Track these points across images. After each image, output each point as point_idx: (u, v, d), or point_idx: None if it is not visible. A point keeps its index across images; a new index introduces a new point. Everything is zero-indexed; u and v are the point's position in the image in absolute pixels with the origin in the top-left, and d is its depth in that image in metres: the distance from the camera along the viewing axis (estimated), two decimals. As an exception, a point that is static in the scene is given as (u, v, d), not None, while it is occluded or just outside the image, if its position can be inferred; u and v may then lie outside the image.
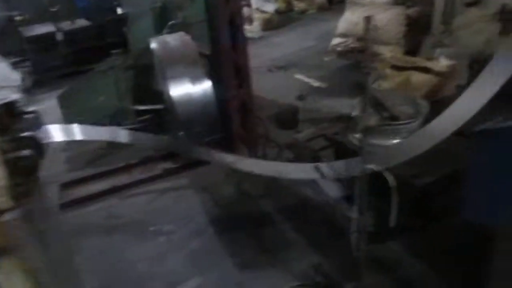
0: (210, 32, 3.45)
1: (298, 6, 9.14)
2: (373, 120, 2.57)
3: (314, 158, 3.61)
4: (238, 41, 3.45)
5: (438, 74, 3.26)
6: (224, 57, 3.39)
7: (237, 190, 3.74)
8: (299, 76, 5.77)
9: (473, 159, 1.61)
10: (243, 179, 3.70)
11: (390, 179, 1.79)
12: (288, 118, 4.58)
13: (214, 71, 3.65)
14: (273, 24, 8.21)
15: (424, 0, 5.22)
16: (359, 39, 5.59)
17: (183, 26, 4.24)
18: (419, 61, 3.42)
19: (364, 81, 3.32)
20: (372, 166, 1.91)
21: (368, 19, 5.38)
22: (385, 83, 3.20)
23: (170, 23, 4.42)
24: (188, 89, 3.46)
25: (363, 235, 1.98)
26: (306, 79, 5.68)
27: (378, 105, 2.95)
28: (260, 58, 6.72)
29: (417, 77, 3.23)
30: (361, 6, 5.73)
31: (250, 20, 8.34)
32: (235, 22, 3.37)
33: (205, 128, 3.54)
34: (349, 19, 5.70)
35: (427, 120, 2.76)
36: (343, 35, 5.82)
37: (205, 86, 3.48)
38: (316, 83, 5.52)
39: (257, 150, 3.90)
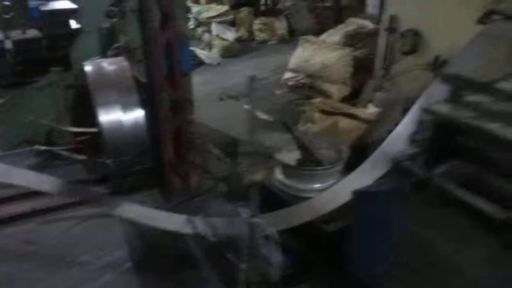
0: (145, 60, 3.42)
1: (260, 36, 9.29)
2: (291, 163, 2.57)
3: (246, 194, 3.59)
4: (175, 70, 3.42)
5: (365, 121, 3.34)
6: (157, 87, 3.35)
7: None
8: (247, 107, 5.80)
9: (353, 217, 1.63)
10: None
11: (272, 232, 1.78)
12: (228, 150, 4.57)
13: (149, 99, 3.59)
14: (233, 52, 8.29)
15: (370, 44, 5.43)
16: (309, 75, 5.72)
17: (127, 50, 4.20)
18: (347, 107, 3.50)
19: (290, 123, 3.36)
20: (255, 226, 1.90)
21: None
22: (314, 127, 3.24)
23: (114, 46, 4.37)
24: (118, 117, 3.39)
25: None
26: (254, 111, 5.71)
27: (302, 148, 2.98)
28: (213, 85, 6.74)
29: (345, 123, 3.31)
30: (312, 44, 5.89)
31: (210, 47, 8.42)
32: (172, 51, 3.35)
33: (135, 157, 3.46)
34: (300, 56, 5.83)
35: (348, 165, 2.82)
36: (294, 70, 5.94)
37: (137, 114, 3.42)
38: (263, 116, 5.56)
39: (190, 181, 3.84)
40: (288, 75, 5.98)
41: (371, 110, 3.52)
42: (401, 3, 4.35)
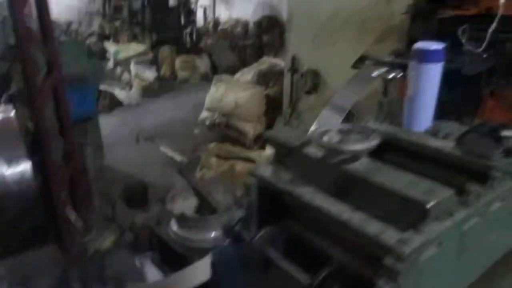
0: (31, 109, 3.22)
1: (181, 74, 9.28)
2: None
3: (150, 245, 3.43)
4: (63, 118, 3.26)
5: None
6: (44, 136, 3.16)
7: (60, 280, 3.37)
8: (164, 149, 5.68)
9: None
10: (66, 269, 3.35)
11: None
12: (137, 196, 4.39)
13: (38, 149, 3.37)
14: (153, 91, 8.18)
15: (281, 83, 5.58)
16: (223, 114, 5.73)
17: (18, 98, 3.95)
18: (243, 151, 3.51)
19: (184, 169, 3.29)
20: None
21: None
22: (210, 172, 3.20)
23: (7, 93, 4.11)
24: (1, 171, 3.12)
25: None
26: (170, 153, 5.60)
27: (198, 195, 2.91)
28: (130, 126, 6.55)
29: (241, 167, 3.30)
30: (226, 82, 5.95)
31: (130, 86, 8.25)
32: (59, 98, 3.20)
33: (22, 214, 3.19)
34: (214, 95, 5.84)
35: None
36: (209, 109, 5.93)
37: (23, 168, 3.18)
38: (179, 157, 5.46)
39: (91, 232, 3.61)
40: (204, 114, 5.95)
41: (268, 151, 3.55)
42: (301, 44, 4.53)
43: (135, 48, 8.40)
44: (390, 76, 2.62)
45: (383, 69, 2.59)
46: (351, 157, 1.00)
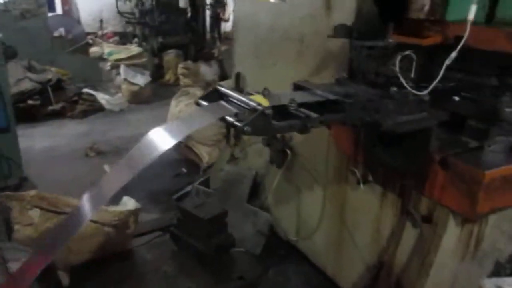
0: None
1: (183, 81, 8.58)
2: None
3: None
4: None
5: (108, 224, 2.46)
6: None
7: None
8: (106, 167, 4.93)
9: None
10: None
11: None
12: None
13: None
14: (141, 98, 7.53)
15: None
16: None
17: None
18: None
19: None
20: None
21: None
22: (29, 230, 2.35)
23: None
24: None
25: None
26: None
27: None
28: (93, 137, 5.90)
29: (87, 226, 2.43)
30: (190, 97, 5.13)
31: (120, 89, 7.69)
32: None
33: None
34: (173, 111, 5.06)
35: None
36: (169, 126, 5.13)
37: None
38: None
39: None
40: (165, 131, 5.16)
41: (120, 208, 2.66)
42: (246, 61, 3.60)
43: (128, 50, 7.82)
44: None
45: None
46: None
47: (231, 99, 1.74)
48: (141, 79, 7.49)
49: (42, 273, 2.24)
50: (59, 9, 12.35)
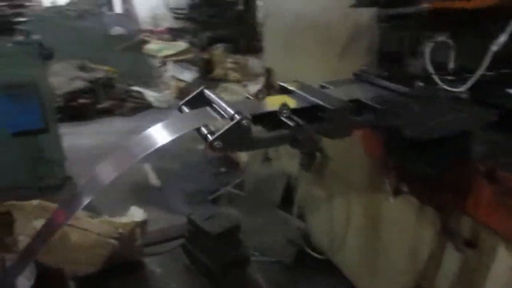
0: None
1: (232, 75, 8.42)
2: None
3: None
4: None
5: (110, 236, 2.29)
6: None
7: None
8: (147, 167, 4.88)
9: None
10: None
11: None
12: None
13: None
14: (189, 94, 7.42)
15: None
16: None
17: None
18: (83, 218, 2.42)
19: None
20: None
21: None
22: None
23: None
24: None
25: None
26: (150, 172, 4.79)
27: None
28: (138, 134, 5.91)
29: (79, 236, 2.28)
30: (231, 93, 4.92)
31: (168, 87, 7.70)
32: None
33: None
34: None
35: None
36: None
37: None
38: (154, 180, 4.62)
39: None
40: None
41: (126, 219, 2.46)
42: (275, 54, 3.31)
43: (175, 46, 7.80)
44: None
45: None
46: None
47: (214, 105, 1.48)
48: (188, 75, 7.45)
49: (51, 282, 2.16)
50: (118, 8, 12.73)
